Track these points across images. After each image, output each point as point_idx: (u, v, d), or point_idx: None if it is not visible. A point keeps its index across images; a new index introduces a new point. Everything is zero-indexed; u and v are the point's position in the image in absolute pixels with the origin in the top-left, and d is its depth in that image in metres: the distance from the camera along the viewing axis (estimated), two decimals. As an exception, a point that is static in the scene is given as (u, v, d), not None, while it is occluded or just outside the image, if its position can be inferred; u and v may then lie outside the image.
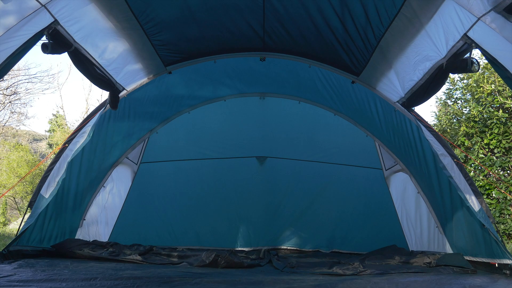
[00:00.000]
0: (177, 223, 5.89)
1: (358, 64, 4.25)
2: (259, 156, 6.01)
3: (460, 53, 2.95)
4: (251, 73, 5.25)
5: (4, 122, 18.88)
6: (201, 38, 4.25)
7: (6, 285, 2.40)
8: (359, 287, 2.85)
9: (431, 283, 3.03)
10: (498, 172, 8.61)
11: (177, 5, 3.60)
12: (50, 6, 2.85)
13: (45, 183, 4.17)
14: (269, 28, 4.07)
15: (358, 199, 5.85)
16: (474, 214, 3.81)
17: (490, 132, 8.48)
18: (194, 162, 6.04)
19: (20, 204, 18.62)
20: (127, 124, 5.29)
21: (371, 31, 3.59)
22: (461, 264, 3.90)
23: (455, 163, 3.96)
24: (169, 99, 5.49)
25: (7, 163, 16.98)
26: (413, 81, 3.70)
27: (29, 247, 4.17)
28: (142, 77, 4.57)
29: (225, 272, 3.49)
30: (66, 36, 3.14)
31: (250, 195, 6.05)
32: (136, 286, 2.54)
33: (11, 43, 2.68)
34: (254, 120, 5.92)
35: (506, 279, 3.26)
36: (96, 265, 3.57)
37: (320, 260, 4.72)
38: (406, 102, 4.01)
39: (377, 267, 3.99)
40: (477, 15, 2.59)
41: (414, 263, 4.25)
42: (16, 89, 17.27)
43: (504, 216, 8.08)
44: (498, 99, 8.38)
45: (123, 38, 3.75)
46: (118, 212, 5.65)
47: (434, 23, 3.02)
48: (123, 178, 5.74)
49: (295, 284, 2.86)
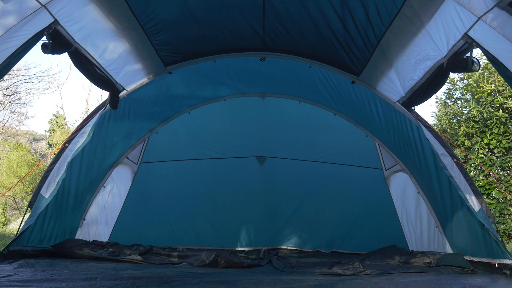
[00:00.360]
0: (177, 223, 5.89)
1: (358, 63, 4.25)
2: (259, 156, 6.01)
3: (461, 52, 2.95)
4: (251, 73, 5.25)
5: (4, 122, 18.89)
6: (201, 38, 4.25)
7: (6, 285, 2.40)
8: (359, 287, 2.85)
9: (431, 283, 3.03)
10: (498, 172, 8.61)
11: (177, 5, 3.61)
12: (50, 6, 2.85)
13: (45, 183, 4.17)
14: (269, 28, 4.07)
15: (358, 199, 5.85)
16: (474, 214, 3.81)
17: (490, 132, 8.48)
18: (194, 162, 6.04)
19: (20, 204, 18.62)
20: (127, 124, 5.29)
21: (372, 31, 3.59)
22: (461, 264, 3.90)
23: (455, 163, 3.96)
24: (169, 99, 5.49)
25: (7, 163, 16.98)
26: (414, 80, 3.71)
27: (29, 247, 4.17)
28: (142, 77, 4.58)
29: (225, 272, 3.49)
30: (66, 36, 3.14)
31: (250, 195, 6.05)
32: (136, 286, 2.54)
33: (11, 43, 2.68)
34: (254, 120, 5.92)
35: (506, 279, 3.26)
36: (96, 265, 3.57)
37: (320, 260, 4.72)
38: (407, 101, 4.01)
39: (377, 267, 3.99)
40: (477, 15, 2.59)
41: (414, 263, 4.25)
42: (16, 89, 17.28)
43: (504, 216, 8.08)
44: (498, 99, 8.38)
45: (123, 38, 3.75)
46: (118, 212, 5.65)
47: (434, 22, 3.02)
48: (123, 178, 5.73)
49: (295, 284, 2.86)
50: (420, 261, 4.25)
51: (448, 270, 3.79)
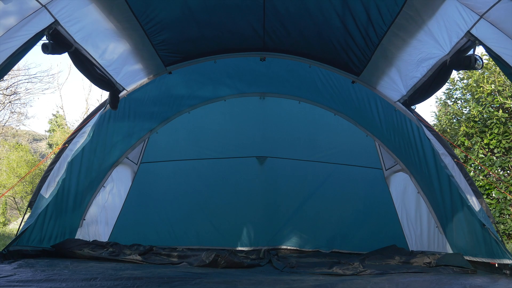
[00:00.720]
0: (177, 223, 5.89)
1: (359, 63, 4.24)
2: (259, 156, 6.01)
3: (464, 50, 2.96)
4: (251, 73, 5.25)
5: (4, 122, 18.88)
6: (201, 38, 4.24)
7: (6, 285, 2.40)
8: (359, 287, 2.85)
9: (431, 283, 3.03)
10: (498, 172, 8.61)
11: (177, 5, 3.60)
12: (51, 7, 2.85)
13: (45, 183, 4.17)
14: (270, 28, 4.07)
15: (358, 199, 5.85)
16: (474, 214, 3.81)
17: (490, 132, 8.48)
18: (194, 162, 6.04)
19: (20, 204, 18.61)
20: (127, 124, 5.29)
21: (373, 30, 3.59)
22: (461, 264, 3.90)
23: (455, 163, 3.96)
24: (169, 99, 5.49)
25: (7, 163, 16.97)
26: (416, 78, 3.70)
27: (29, 247, 4.17)
28: (142, 77, 4.58)
29: (225, 272, 3.49)
30: (67, 36, 3.14)
31: (250, 195, 6.05)
32: (136, 286, 2.54)
33: (12, 43, 2.68)
34: (254, 120, 5.92)
35: (506, 279, 3.26)
36: (96, 265, 3.57)
37: (320, 260, 4.72)
38: (408, 100, 4.01)
39: (377, 267, 3.99)
40: (479, 13, 2.60)
41: (414, 263, 4.25)
42: (16, 89, 17.27)
43: (504, 216, 8.08)
44: (498, 99, 8.38)
45: (124, 38, 3.75)
46: (118, 212, 5.65)
47: (436, 20, 3.03)
48: (123, 178, 5.73)
49: (295, 285, 2.86)
50: (420, 261, 4.25)
51: (448, 270, 3.79)
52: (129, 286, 2.53)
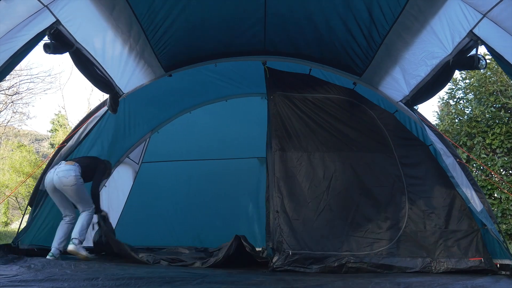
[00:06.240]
0: (178, 223, 5.89)
1: (361, 63, 4.22)
2: (261, 157, 6.00)
3: (466, 50, 2.95)
4: (252, 74, 5.23)
5: (6, 122, 18.92)
6: (202, 42, 4.23)
7: (8, 284, 2.40)
8: (360, 287, 2.84)
9: (433, 283, 3.02)
10: (500, 172, 8.58)
11: (179, 8, 3.60)
12: (52, 6, 2.85)
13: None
14: (271, 31, 4.05)
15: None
16: (475, 215, 3.80)
17: (492, 132, 8.44)
18: (195, 163, 6.04)
19: (22, 204, 18.65)
20: (128, 124, 5.29)
21: (375, 29, 3.58)
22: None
23: (458, 163, 3.95)
24: (170, 99, 5.49)
25: (9, 163, 16.99)
26: (420, 77, 3.68)
27: (31, 246, 4.17)
28: (142, 80, 4.52)
29: (226, 273, 3.49)
30: (68, 36, 3.14)
31: (251, 195, 6.04)
32: (138, 286, 2.54)
33: (13, 43, 2.68)
34: (255, 121, 5.90)
35: (508, 279, 3.25)
36: (98, 265, 3.58)
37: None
38: (411, 99, 3.98)
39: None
40: (482, 12, 2.59)
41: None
42: (18, 89, 17.28)
43: (506, 216, 8.05)
44: (500, 99, 8.35)
45: (124, 40, 3.74)
46: (120, 212, 5.66)
47: (439, 20, 3.02)
48: (124, 178, 5.74)
49: (296, 284, 2.85)
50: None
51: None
52: (131, 286, 2.53)
